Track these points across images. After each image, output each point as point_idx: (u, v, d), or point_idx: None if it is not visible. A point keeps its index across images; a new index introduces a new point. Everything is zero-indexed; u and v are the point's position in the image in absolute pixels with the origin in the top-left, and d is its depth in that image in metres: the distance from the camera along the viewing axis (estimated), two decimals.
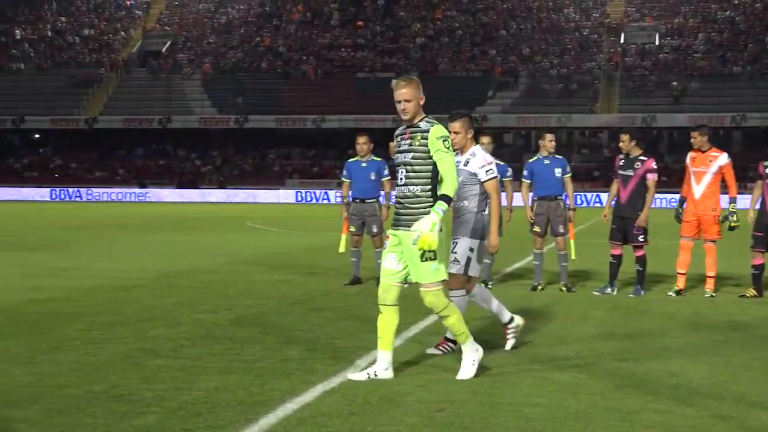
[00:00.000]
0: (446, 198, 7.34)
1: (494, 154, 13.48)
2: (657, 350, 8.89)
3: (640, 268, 12.91)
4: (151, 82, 73.34)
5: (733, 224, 12.92)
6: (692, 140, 13.00)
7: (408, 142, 7.55)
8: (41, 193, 63.06)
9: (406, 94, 7.50)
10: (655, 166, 12.81)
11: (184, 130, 68.40)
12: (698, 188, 12.91)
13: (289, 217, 38.04)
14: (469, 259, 8.51)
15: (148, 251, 20.05)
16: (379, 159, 14.06)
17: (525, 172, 13.41)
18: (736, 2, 70.33)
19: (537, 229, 13.31)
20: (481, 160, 8.73)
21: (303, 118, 64.26)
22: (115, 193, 62.90)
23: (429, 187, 7.49)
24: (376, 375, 7.45)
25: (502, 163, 13.58)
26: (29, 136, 73.84)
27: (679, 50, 67.22)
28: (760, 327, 10.41)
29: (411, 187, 7.52)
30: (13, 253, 19.49)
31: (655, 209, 16.05)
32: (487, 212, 8.80)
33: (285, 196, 60.11)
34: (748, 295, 12.72)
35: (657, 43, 68.80)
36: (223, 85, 69.86)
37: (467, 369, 7.57)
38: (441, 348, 8.58)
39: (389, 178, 13.95)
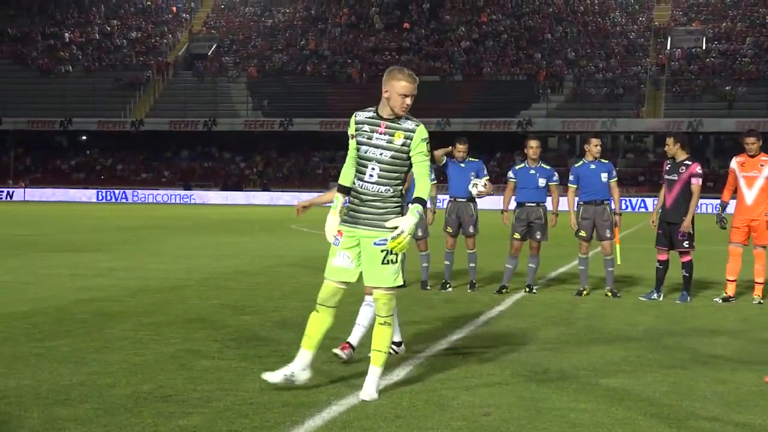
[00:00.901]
0: (422, 201, 7.04)
1: (540, 158, 13.60)
2: (704, 357, 8.79)
3: (687, 274, 12.80)
4: (197, 85, 73.86)
5: None
6: (749, 146, 12.83)
7: (386, 138, 7.07)
8: (88, 195, 63.74)
9: (415, 90, 7.08)
10: (700, 171, 12.71)
11: (229, 132, 68.80)
12: (750, 193, 12.77)
13: None
14: None
15: (194, 253, 20.16)
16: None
17: (571, 177, 13.35)
18: None
19: (583, 233, 13.25)
20: None
21: (347, 121, 63.64)
22: (161, 194, 63.42)
23: (400, 188, 7.15)
24: (293, 375, 7.12)
25: (548, 168, 13.58)
26: (77, 138, 74.71)
27: (727, 54, 66.54)
28: None
29: (381, 187, 7.06)
30: (62, 253, 19.64)
31: (702, 215, 15.91)
32: None
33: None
34: None
35: (704, 47, 68.16)
36: (269, 88, 70.16)
37: (373, 388, 7.01)
38: (345, 352, 8.21)
39: (435, 182, 13.94)
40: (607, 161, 13.43)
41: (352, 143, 7.22)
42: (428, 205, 14.01)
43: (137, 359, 8.28)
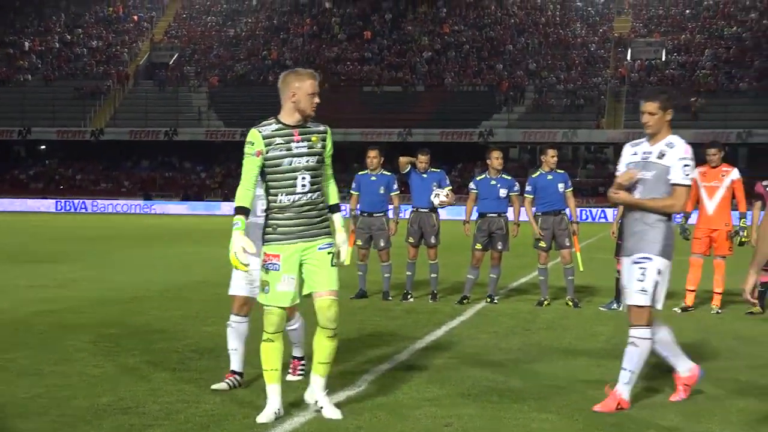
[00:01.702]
0: (340, 208, 7.03)
1: (501, 169, 13.70)
2: (664, 367, 8.86)
3: None
4: (158, 95, 73.53)
5: (743, 239, 12.94)
6: (710, 157, 12.99)
7: (305, 144, 6.82)
8: (46, 205, 63.17)
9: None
10: None
11: (190, 142, 68.53)
12: (711, 203, 12.93)
13: None
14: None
15: (155, 263, 20.06)
16: (389, 173, 14.05)
17: (528, 188, 13.47)
18: (742, 19, 70.41)
19: (542, 244, 13.34)
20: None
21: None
22: (121, 204, 63.00)
23: (322, 193, 6.99)
24: (281, 411, 6.78)
25: (509, 178, 13.67)
26: (35, 148, 74.03)
27: (686, 66, 67.27)
28: (766, 344, 10.38)
29: (314, 194, 6.87)
30: (20, 264, 19.49)
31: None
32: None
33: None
34: (754, 311, 12.70)
35: (664, 59, 68.85)
36: (231, 97, 70.01)
37: (331, 405, 6.89)
38: (299, 372, 8.03)
39: (398, 192, 14.02)
40: (562, 171, 13.58)
41: (255, 161, 6.76)
42: (390, 215, 14.10)
43: (97, 371, 8.25)
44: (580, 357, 9.21)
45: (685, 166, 7.09)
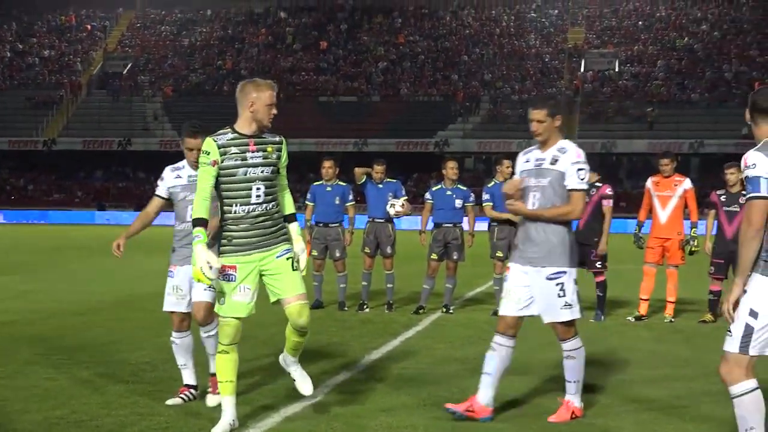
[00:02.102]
0: (296, 218, 7.06)
1: (457, 179, 13.74)
2: (619, 375, 8.94)
3: (600, 294, 13.00)
4: (111, 104, 73.01)
5: (693, 249, 13.07)
6: (663, 167, 13.11)
7: (260, 154, 6.78)
8: None
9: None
10: (610, 192, 12.98)
11: (143, 152, 68.09)
12: (663, 213, 13.06)
13: None
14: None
15: (110, 274, 19.92)
16: (344, 184, 14.07)
17: (486, 196, 13.46)
18: (694, 30, 71.38)
19: (499, 254, 13.38)
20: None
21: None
22: (74, 215, 62.48)
23: (277, 203, 6.98)
24: (235, 422, 6.75)
25: (464, 189, 13.71)
26: None
27: (639, 77, 68.03)
28: (718, 352, 10.48)
29: (269, 205, 6.84)
30: None
31: (615, 234, 16.18)
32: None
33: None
34: (706, 320, 12.84)
35: (617, 70, 69.58)
36: (185, 107, 69.68)
37: (305, 381, 7.13)
38: (182, 395, 7.74)
39: (353, 202, 14.02)
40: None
41: (210, 171, 6.70)
42: (346, 225, 14.10)
43: (49, 384, 8.19)
44: (535, 367, 9.25)
45: (579, 170, 7.04)
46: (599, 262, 12.89)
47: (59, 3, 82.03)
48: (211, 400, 7.56)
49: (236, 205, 6.76)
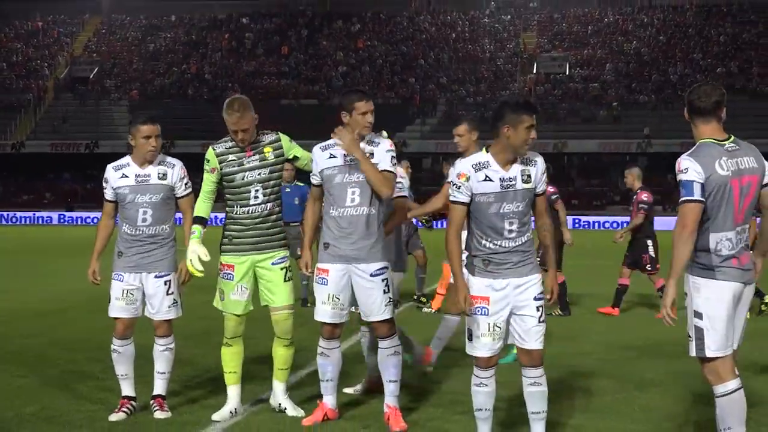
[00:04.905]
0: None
1: (413, 179, 14.62)
2: (568, 367, 9.13)
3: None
4: (79, 108, 73.67)
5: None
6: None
7: (257, 158, 7.01)
8: None
9: (247, 122, 6.98)
10: (552, 189, 13.19)
11: (111, 154, 68.66)
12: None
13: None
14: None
15: (79, 274, 18.95)
16: (302, 184, 14.20)
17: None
18: (641, 35, 73.24)
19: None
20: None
21: None
22: (42, 216, 63.19)
23: (280, 201, 7.16)
24: (236, 411, 7.08)
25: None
26: None
27: (588, 79, 69.90)
28: (670, 343, 10.38)
29: (268, 205, 7.03)
30: None
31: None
32: None
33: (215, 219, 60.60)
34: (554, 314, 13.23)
35: (567, 73, 71.32)
36: (151, 110, 70.75)
37: (295, 407, 7.21)
38: (125, 409, 7.32)
39: None
40: None
41: (210, 177, 7.04)
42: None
43: (21, 381, 8.25)
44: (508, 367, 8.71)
45: (393, 157, 7.34)
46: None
47: (26, 9, 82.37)
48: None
49: (237, 207, 7.10)
